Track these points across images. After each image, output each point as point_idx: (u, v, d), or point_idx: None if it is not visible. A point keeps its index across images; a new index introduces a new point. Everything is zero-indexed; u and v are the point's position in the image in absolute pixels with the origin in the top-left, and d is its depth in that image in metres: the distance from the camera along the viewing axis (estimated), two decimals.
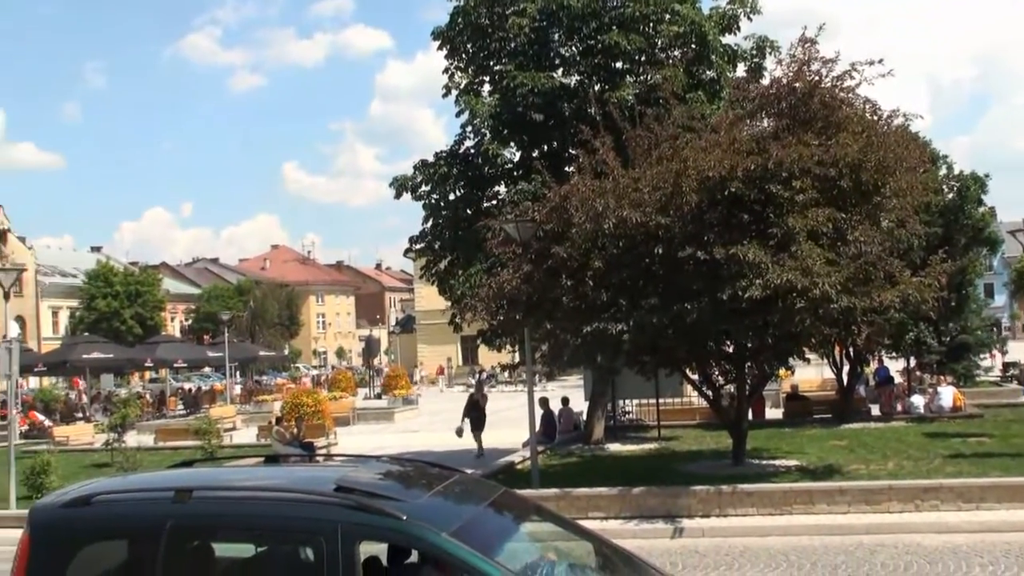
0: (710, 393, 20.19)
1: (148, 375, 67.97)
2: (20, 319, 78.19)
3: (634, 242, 16.88)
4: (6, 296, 22.80)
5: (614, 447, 24.89)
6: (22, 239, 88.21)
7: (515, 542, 6.13)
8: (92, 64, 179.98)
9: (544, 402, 26.11)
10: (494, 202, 25.19)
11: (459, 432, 26.39)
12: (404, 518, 5.50)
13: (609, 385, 26.07)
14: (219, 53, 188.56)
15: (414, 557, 6.30)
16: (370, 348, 71.47)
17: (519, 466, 21.58)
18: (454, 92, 25.83)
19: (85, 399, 50.03)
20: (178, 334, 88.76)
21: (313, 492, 5.86)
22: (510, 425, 31.84)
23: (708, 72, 24.74)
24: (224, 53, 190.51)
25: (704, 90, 23.99)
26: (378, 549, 6.25)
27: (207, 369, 67.62)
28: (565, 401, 28.78)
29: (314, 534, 5.61)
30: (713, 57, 24.57)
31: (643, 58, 24.63)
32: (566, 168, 22.91)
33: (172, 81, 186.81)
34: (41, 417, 39.86)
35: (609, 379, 25.26)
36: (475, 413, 27.14)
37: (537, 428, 20.81)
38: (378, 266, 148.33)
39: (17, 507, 18.83)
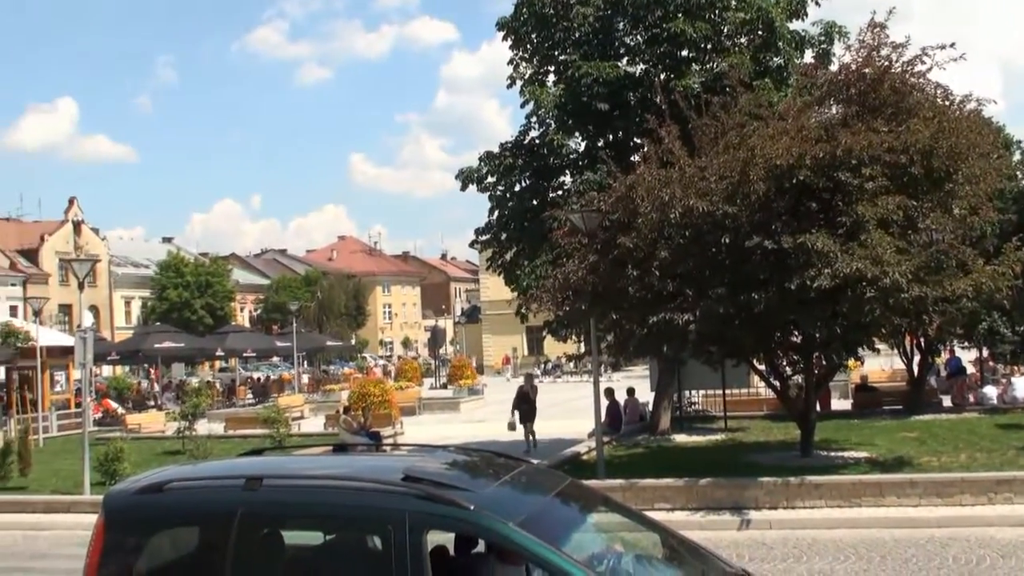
0: (777, 384, 20.01)
1: (218, 364, 68.87)
2: (94, 309, 79.75)
3: (700, 231, 16.76)
4: (81, 286, 23.29)
5: (680, 438, 24.79)
6: (96, 230, 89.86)
7: (582, 533, 6.11)
8: (163, 58, 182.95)
9: (610, 392, 26.05)
10: (559, 192, 25.15)
11: (511, 426, 26.23)
12: (472, 508, 5.51)
13: (675, 376, 25.94)
14: (286, 46, 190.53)
15: (480, 547, 6.32)
16: (436, 338, 71.85)
17: (584, 456, 21.58)
18: (519, 82, 25.83)
19: (157, 387, 50.93)
20: (247, 324, 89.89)
21: (381, 481, 5.88)
22: (576, 415, 31.86)
23: (775, 59, 24.47)
24: (291, 46, 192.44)
25: (771, 77, 23.74)
26: (445, 539, 6.26)
27: (275, 359, 68.39)
28: (631, 391, 28.70)
29: (382, 523, 5.64)
30: (780, 44, 24.29)
31: (709, 46, 24.44)
32: (631, 157, 22.79)
33: (240, 74, 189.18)
34: (114, 405, 40.66)
35: (675, 370, 25.16)
36: (525, 405, 26.63)
37: (603, 418, 20.78)
38: (443, 256, 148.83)
39: (91, 493, 19.22)
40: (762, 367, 20.43)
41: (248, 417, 33.95)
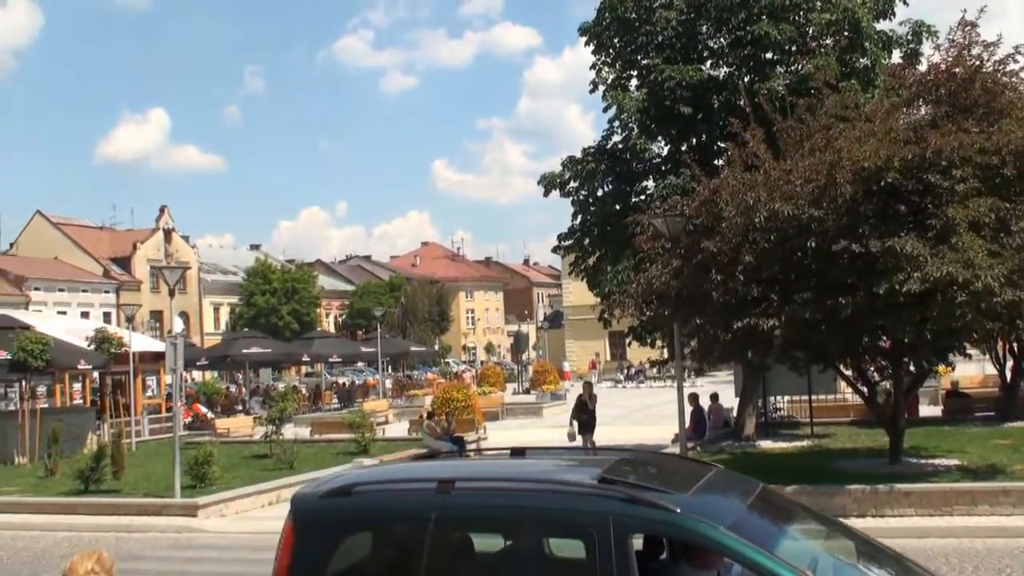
0: (865, 390, 19.67)
1: (304, 369, 69.81)
2: (184, 315, 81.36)
3: (786, 235, 16.56)
4: (172, 293, 23.76)
5: (765, 444, 24.49)
6: (186, 238, 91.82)
7: (788, 538, 5.92)
8: (251, 68, 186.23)
9: (694, 398, 25.84)
10: (642, 197, 25.08)
11: (571, 436, 25.06)
12: (678, 511, 5.34)
13: (760, 381, 25.66)
14: (371, 55, 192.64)
15: (665, 553, 6.18)
16: (518, 343, 71.94)
17: None
18: (601, 87, 25.82)
19: (245, 393, 51.77)
20: (333, 330, 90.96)
21: (579, 484, 5.75)
22: (659, 421, 31.71)
23: (862, 60, 24.11)
24: (376, 55, 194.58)
25: (858, 78, 23.38)
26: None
27: (360, 364, 69.10)
28: (714, 397, 28.45)
29: (585, 527, 5.47)
30: (867, 44, 23.93)
31: (794, 47, 24.19)
32: (715, 161, 22.65)
33: (326, 83, 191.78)
34: (204, 410, 41.37)
35: (760, 375, 24.88)
36: (584, 416, 25.33)
37: (687, 424, 20.64)
38: (526, 262, 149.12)
39: (181, 496, 19.58)
40: (849, 372, 20.10)
41: (334, 422, 34.34)
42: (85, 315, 70.89)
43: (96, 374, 34.56)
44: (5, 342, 27.61)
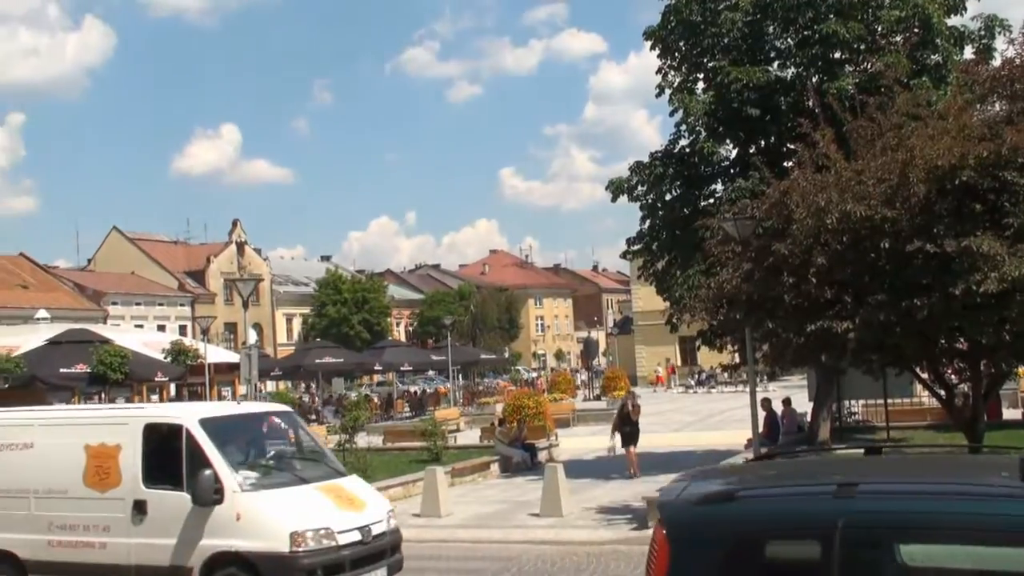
0: (942, 392, 19.29)
1: (376, 378, 70.34)
2: (257, 326, 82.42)
3: (859, 236, 16.31)
4: (245, 305, 24.12)
5: (840, 449, 24.12)
6: (258, 250, 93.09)
7: None
8: (319, 81, 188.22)
9: (767, 403, 25.58)
10: (711, 201, 24.89)
11: (611, 450, 24.63)
12: None
13: (834, 385, 25.30)
14: (437, 65, 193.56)
15: None
16: (588, 350, 71.85)
17: None
18: (667, 91, 25.68)
19: (318, 402, 52.27)
20: (403, 339, 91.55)
21: (1009, 486, 5.08)
22: (731, 426, 31.46)
23: (933, 56, 23.70)
24: (442, 65, 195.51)
25: (929, 75, 22.99)
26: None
27: (431, 372, 69.45)
28: (787, 402, 28.12)
29: None
30: (938, 40, 23.52)
31: (863, 46, 23.85)
32: (784, 163, 22.39)
33: (393, 94, 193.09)
34: None
35: (834, 379, 24.54)
36: (627, 427, 24.71)
37: (760, 429, 20.43)
38: (595, 268, 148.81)
39: None
40: (925, 375, 19.73)
41: (406, 430, 34.56)
42: (161, 328, 72.19)
43: (173, 386, 35.14)
44: (85, 356, 28.17)
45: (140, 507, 12.60)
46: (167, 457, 12.76)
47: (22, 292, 72.06)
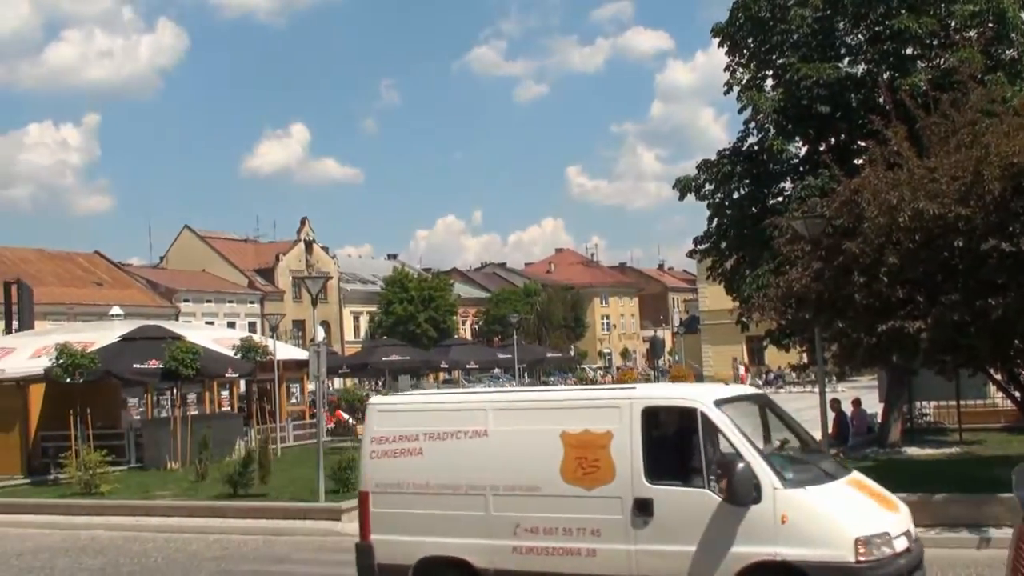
0: (1016, 394, 18.94)
1: (442, 376, 70.65)
2: (325, 324, 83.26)
3: (931, 235, 16.07)
4: (314, 302, 24.35)
5: (911, 451, 23.79)
6: (326, 249, 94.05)
7: None
8: (386, 81, 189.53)
9: (836, 403, 25.27)
10: (780, 199, 24.70)
11: None
12: None
13: (905, 386, 24.93)
14: (503, 65, 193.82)
15: None
16: (654, 349, 71.57)
17: None
18: (736, 88, 25.53)
19: None
20: (469, 337, 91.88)
21: None
22: None
23: (1008, 52, 23.29)
24: (508, 64, 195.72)
25: (1004, 71, 22.59)
26: None
27: (496, 370, 69.54)
28: (857, 402, 27.75)
29: None
30: (1014, 35, 23.12)
31: (935, 41, 23.50)
32: (855, 161, 22.15)
33: (460, 93, 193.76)
34: (346, 416, 42.19)
35: (905, 379, 24.19)
36: None
37: (829, 430, 20.20)
38: (661, 267, 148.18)
39: (325, 501, 19.99)
40: (1000, 376, 19.38)
41: None
42: (231, 325, 73.17)
43: (243, 382, 35.56)
44: (157, 352, 28.63)
45: (643, 507, 10.67)
46: (676, 447, 11.18)
47: (97, 289, 73.54)
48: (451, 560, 11.44)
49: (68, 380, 26.56)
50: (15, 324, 40.30)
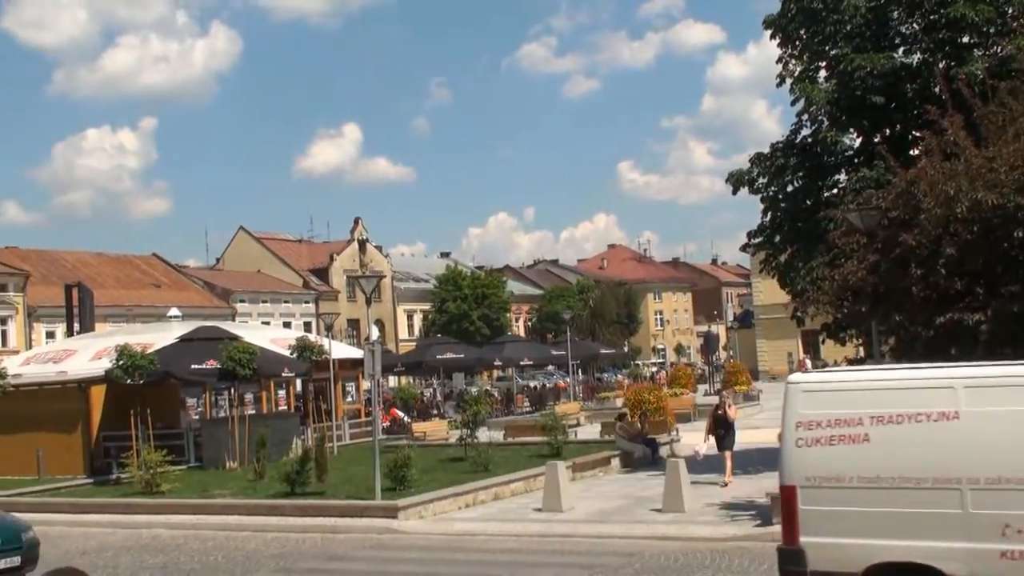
0: None
1: (495, 373, 70.76)
2: (379, 322, 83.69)
3: (990, 226, 15.84)
4: (368, 301, 24.51)
5: None
6: (379, 248, 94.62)
7: None
8: (437, 79, 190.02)
9: None
10: (835, 191, 24.44)
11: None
12: None
13: None
14: (553, 61, 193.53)
15: None
16: (709, 344, 71.10)
17: None
18: (788, 80, 25.26)
19: (439, 397, 52.84)
20: (522, 334, 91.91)
21: None
22: None
23: None
24: (558, 60, 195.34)
25: None
26: None
27: (550, 367, 69.56)
28: None
29: None
30: None
31: (993, 29, 23.09)
32: (911, 151, 21.85)
33: (510, 90, 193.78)
34: (401, 414, 42.45)
35: None
36: (721, 430, 22.79)
37: None
38: (714, 261, 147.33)
39: (381, 498, 20.12)
40: None
41: (526, 424, 34.68)
42: (287, 324, 73.89)
43: (299, 381, 35.87)
44: (215, 352, 28.96)
45: None
46: None
47: (155, 291, 74.56)
48: (915, 567, 9.74)
49: (128, 381, 26.97)
50: (76, 326, 40.94)
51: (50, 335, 62.98)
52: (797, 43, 25.42)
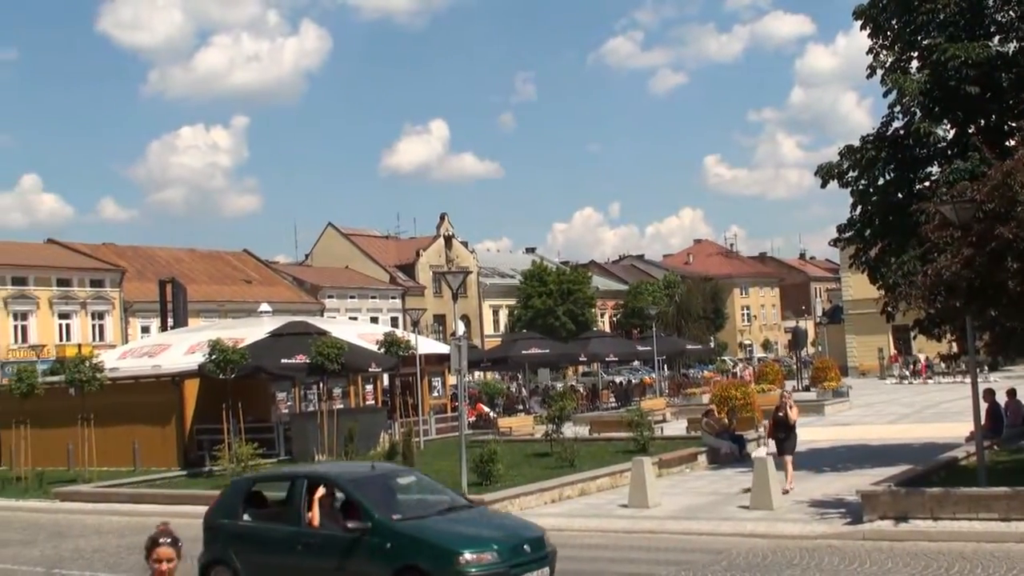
0: None
1: (581, 369, 70.69)
2: (465, 318, 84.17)
3: None
4: (454, 297, 24.68)
5: None
6: (465, 244, 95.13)
7: None
8: (522, 75, 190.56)
9: (990, 394, 24.39)
10: (927, 184, 23.97)
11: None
12: None
13: None
14: (640, 55, 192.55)
15: None
16: (796, 340, 70.21)
17: (963, 462, 20.37)
18: (879, 71, 24.81)
19: (525, 392, 52.97)
20: (608, 329, 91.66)
21: None
22: (949, 418, 30.28)
23: None
24: (645, 55, 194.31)
25: None
26: None
27: (636, 363, 69.31)
28: (1012, 393, 26.74)
29: None
30: None
31: None
32: (1007, 142, 21.33)
33: (596, 85, 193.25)
34: (487, 409, 42.65)
35: None
36: (782, 434, 21.45)
37: (982, 422, 19.53)
38: (802, 256, 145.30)
39: (468, 492, 20.20)
40: None
41: (612, 420, 34.63)
42: (374, 320, 74.75)
43: (386, 376, 36.25)
44: (304, 347, 29.40)
45: None
46: None
47: (246, 287, 75.96)
48: None
49: (221, 375, 27.48)
50: (170, 321, 41.90)
51: (145, 330, 64.69)
52: (888, 33, 24.96)
